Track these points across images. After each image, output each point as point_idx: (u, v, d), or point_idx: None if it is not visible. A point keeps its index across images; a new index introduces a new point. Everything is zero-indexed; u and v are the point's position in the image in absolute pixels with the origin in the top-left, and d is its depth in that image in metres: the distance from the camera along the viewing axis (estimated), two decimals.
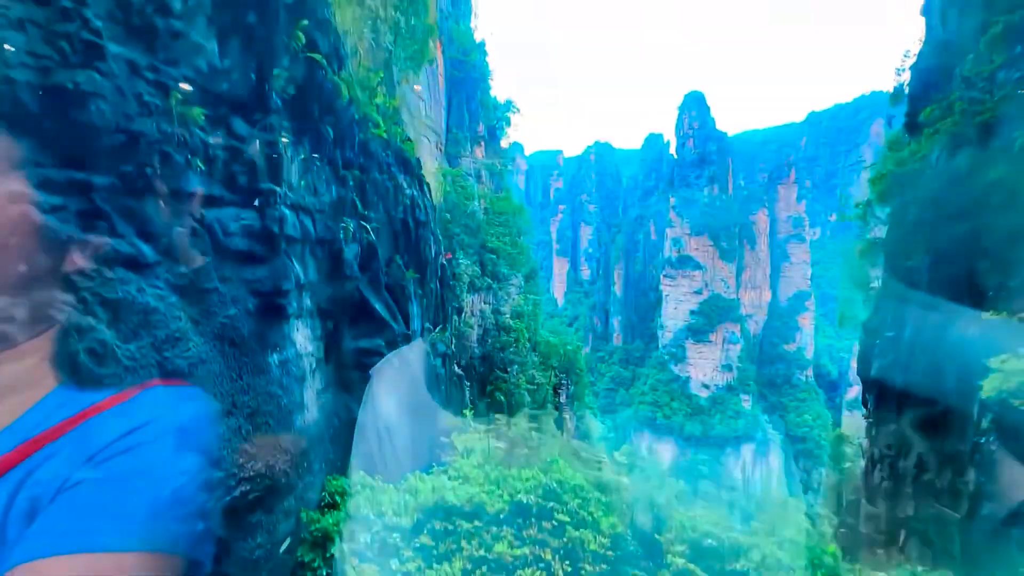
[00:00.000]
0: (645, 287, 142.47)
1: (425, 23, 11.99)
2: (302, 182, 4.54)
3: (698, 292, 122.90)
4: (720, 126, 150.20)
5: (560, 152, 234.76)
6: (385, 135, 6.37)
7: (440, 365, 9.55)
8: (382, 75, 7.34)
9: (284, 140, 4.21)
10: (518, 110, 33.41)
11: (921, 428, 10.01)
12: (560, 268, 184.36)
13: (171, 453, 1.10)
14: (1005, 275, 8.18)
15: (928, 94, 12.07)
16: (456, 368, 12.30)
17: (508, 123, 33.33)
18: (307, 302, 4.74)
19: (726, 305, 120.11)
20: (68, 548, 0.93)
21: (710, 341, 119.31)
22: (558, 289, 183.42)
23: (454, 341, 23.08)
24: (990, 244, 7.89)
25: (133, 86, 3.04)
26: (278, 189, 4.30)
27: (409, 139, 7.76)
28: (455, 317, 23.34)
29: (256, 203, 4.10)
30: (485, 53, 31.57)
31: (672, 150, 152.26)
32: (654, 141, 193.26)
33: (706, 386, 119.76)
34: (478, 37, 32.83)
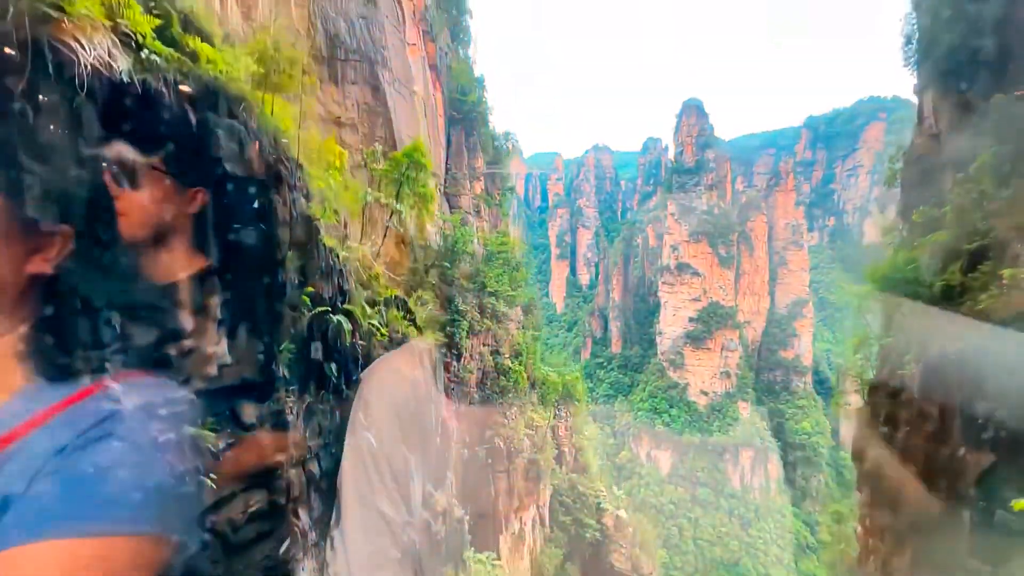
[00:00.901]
0: (643, 292, 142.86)
1: (424, 190, 12.13)
2: (307, 431, 4.60)
3: (696, 299, 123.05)
4: (718, 131, 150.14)
5: (558, 154, 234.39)
6: (386, 335, 6.42)
7: (439, 524, 9.58)
8: (380, 271, 7.38)
9: (290, 404, 4.28)
10: (517, 141, 33.46)
11: (913, 530, 10.20)
12: (559, 272, 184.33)
13: (146, 438, 1.11)
14: (994, 403, 8.35)
15: (922, 184, 12.25)
16: (457, 510, 12.34)
17: (508, 153, 33.47)
18: (312, 536, 4.79)
19: (724, 312, 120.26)
20: (52, 533, 0.93)
21: (708, 348, 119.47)
22: (557, 294, 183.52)
23: (455, 387, 23.25)
24: (978, 374, 8.06)
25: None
26: (283, 458, 4.36)
27: (413, 322, 7.77)
28: (455, 364, 23.51)
29: (263, 483, 4.15)
30: (484, 88, 31.77)
31: (670, 155, 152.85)
32: (652, 145, 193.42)
33: (705, 393, 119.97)
34: (477, 70, 33.05)
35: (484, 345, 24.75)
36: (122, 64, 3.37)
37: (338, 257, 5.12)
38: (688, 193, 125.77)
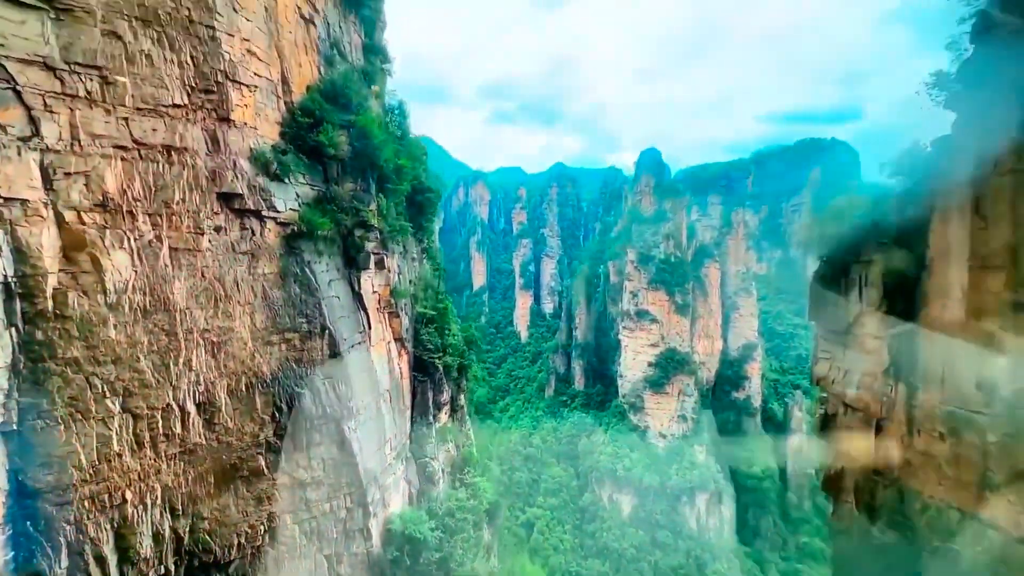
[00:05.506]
0: (605, 326, 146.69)
1: None
2: None
3: (655, 344, 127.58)
4: (675, 156, 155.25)
5: (520, 170, 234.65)
6: None
7: None
8: None
9: None
10: (480, 345, 33.92)
11: None
12: (523, 302, 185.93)
13: None
14: None
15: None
16: None
17: (471, 370, 33.67)
18: None
19: (681, 358, 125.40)
20: None
21: (667, 392, 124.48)
22: (521, 323, 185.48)
23: None
24: None
25: None
26: None
27: None
28: None
29: None
30: (452, 312, 31.91)
31: (631, 172, 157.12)
32: (613, 176, 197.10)
33: (663, 436, 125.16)
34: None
35: None
36: None
37: None
38: (647, 243, 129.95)
